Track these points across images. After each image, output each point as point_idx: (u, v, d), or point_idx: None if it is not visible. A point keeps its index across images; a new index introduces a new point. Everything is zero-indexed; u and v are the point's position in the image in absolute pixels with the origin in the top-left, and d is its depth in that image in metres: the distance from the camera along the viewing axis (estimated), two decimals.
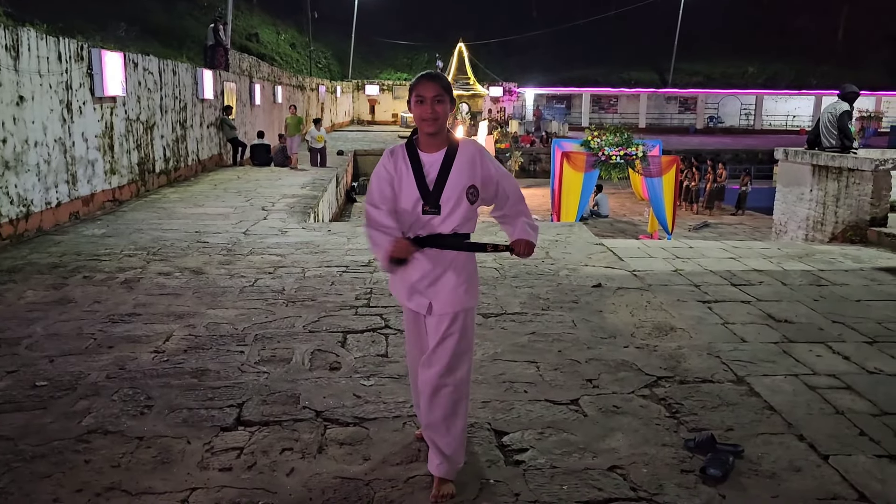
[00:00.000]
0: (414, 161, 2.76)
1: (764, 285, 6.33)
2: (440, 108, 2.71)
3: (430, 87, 2.70)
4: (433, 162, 2.75)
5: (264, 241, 8.01)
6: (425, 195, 2.73)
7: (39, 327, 4.83)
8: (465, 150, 2.78)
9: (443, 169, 2.73)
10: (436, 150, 2.77)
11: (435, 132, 2.74)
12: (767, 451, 3.24)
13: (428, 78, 2.74)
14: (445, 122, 2.76)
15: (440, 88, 2.71)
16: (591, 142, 14.41)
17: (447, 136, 2.79)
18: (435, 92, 2.70)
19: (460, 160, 2.75)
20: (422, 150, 2.78)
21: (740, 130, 47.67)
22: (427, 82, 2.72)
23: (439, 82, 2.73)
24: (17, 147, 7.63)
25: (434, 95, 2.70)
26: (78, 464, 3.02)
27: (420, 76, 2.76)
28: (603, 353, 4.48)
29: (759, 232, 16.70)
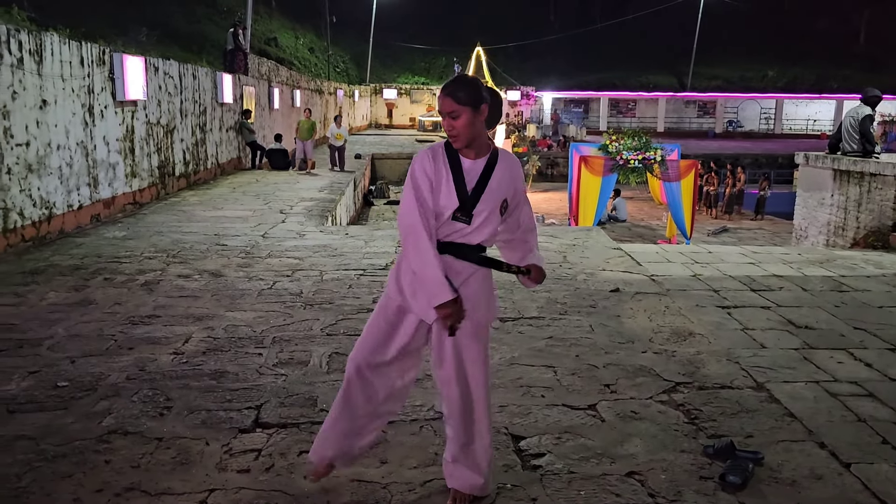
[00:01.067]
0: (454, 165, 2.60)
1: (784, 291, 6.27)
2: (458, 123, 2.53)
3: (444, 103, 2.56)
4: (474, 169, 2.61)
5: (283, 243, 8.06)
6: (462, 199, 2.57)
7: (61, 328, 4.88)
8: (506, 160, 2.66)
9: (482, 177, 2.60)
10: (476, 156, 2.62)
11: (464, 146, 2.60)
12: (788, 459, 3.20)
13: (443, 92, 2.57)
14: (473, 132, 2.56)
15: (454, 104, 2.54)
16: (610, 146, 14.37)
17: (488, 143, 2.64)
18: (449, 108, 2.55)
19: (500, 170, 2.62)
20: (462, 155, 2.63)
21: (760, 134, 47.30)
22: (442, 98, 2.57)
23: (454, 94, 2.54)
24: (39, 150, 7.74)
25: (449, 112, 2.55)
26: (98, 464, 3.05)
27: (444, 85, 2.62)
28: (621, 358, 4.45)
29: (778, 237, 16.55)
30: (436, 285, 2.49)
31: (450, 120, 2.55)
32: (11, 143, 7.18)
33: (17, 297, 5.64)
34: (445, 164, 2.60)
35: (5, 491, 2.83)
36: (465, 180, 2.59)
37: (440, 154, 2.62)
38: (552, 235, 9.04)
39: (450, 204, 2.57)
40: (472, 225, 2.60)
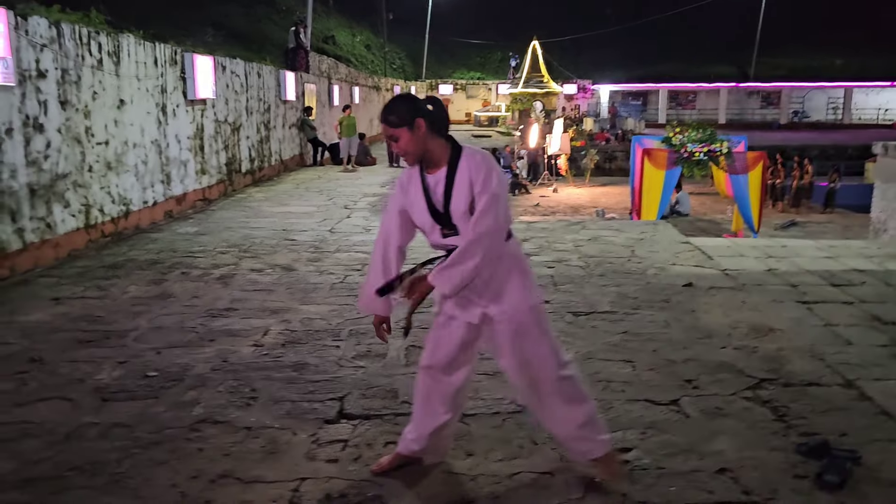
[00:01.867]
0: (424, 183, 2.66)
1: (867, 286, 6.04)
2: (400, 144, 2.59)
3: (383, 127, 2.63)
4: (436, 182, 2.63)
5: (350, 238, 8.15)
6: (436, 217, 2.62)
7: (144, 321, 5.04)
8: (466, 160, 2.60)
9: (446, 188, 2.60)
10: (435, 169, 2.64)
11: (413, 162, 2.65)
12: (886, 458, 3.08)
13: (381, 115, 2.63)
14: (417, 148, 2.60)
15: (388, 128, 2.60)
16: (674, 138, 14.05)
17: (445, 151, 2.62)
18: (388, 133, 2.61)
19: (460, 173, 2.59)
20: (426, 172, 2.67)
21: (828, 125, 45.65)
22: (381, 121, 2.63)
23: (387, 119, 2.59)
24: (118, 149, 8.00)
25: (389, 135, 2.61)
26: (191, 451, 3.14)
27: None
28: (700, 354, 4.36)
29: (850, 231, 15.95)
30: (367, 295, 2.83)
31: (392, 143, 2.61)
32: (92, 142, 7.44)
33: (100, 291, 5.84)
34: (416, 184, 2.67)
35: (106, 476, 2.94)
36: (432, 198, 2.63)
37: (414, 177, 2.70)
38: (618, 230, 8.91)
39: (426, 222, 2.66)
40: (462, 232, 2.61)
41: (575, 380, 2.80)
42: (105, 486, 2.86)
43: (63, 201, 6.94)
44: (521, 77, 36.65)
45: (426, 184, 2.64)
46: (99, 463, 3.03)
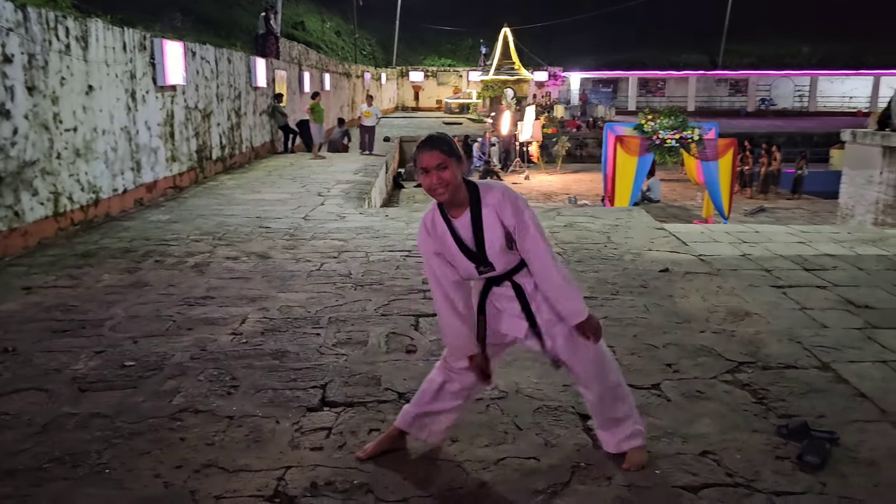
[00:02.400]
0: (452, 229, 2.64)
1: (838, 270, 6.16)
2: (447, 175, 2.54)
3: (431, 156, 2.54)
4: (463, 226, 2.63)
5: (325, 226, 8.09)
6: (472, 258, 2.65)
7: (119, 309, 4.95)
8: (488, 197, 2.62)
9: (475, 230, 2.62)
10: (460, 211, 2.63)
11: (449, 199, 2.60)
12: (864, 439, 3.15)
13: (428, 145, 2.57)
14: (457, 184, 2.58)
15: (441, 155, 2.54)
16: (646, 125, 14.16)
17: (465, 192, 2.62)
18: (437, 161, 2.53)
19: (486, 210, 2.61)
20: (451, 216, 2.65)
21: (793, 113, 46.37)
22: (428, 151, 2.55)
23: (439, 147, 2.55)
24: (86, 135, 7.83)
25: (437, 164, 2.53)
26: (174, 441, 3.10)
27: (420, 144, 2.60)
28: (679, 338, 4.41)
29: (818, 216, 16.27)
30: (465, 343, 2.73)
31: (437, 173, 2.55)
32: (60, 129, 7.26)
33: (72, 279, 5.73)
34: (444, 227, 2.66)
35: (87, 467, 2.88)
36: (464, 241, 2.63)
37: (438, 221, 2.68)
38: (593, 216, 8.97)
39: (462, 263, 2.66)
40: (498, 268, 2.67)
41: (621, 381, 2.90)
42: (87, 477, 2.80)
43: (31, 189, 6.77)
44: (492, 64, 36.63)
45: (454, 228, 2.65)
46: (79, 454, 2.97)
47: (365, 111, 17.81)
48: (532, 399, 3.52)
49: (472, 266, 2.66)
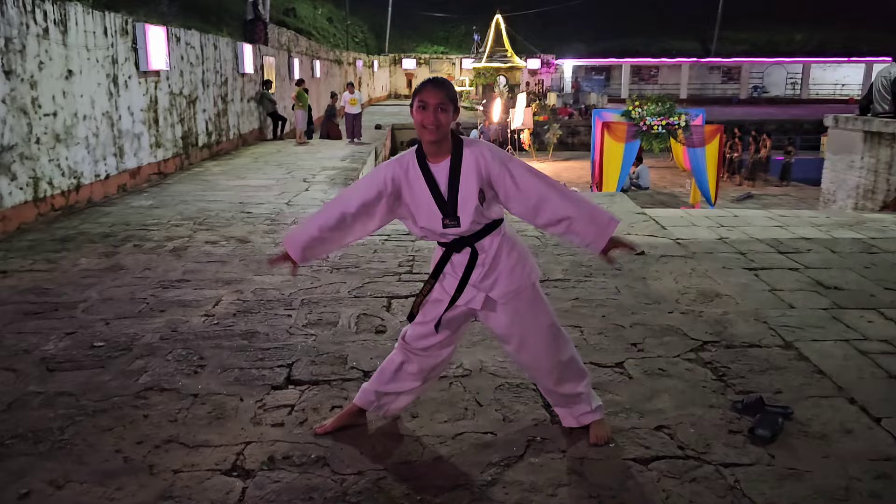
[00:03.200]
0: (426, 171, 2.63)
1: (812, 253, 6.21)
2: (443, 117, 2.54)
3: (435, 94, 2.55)
4: (440, 171, 2.62)
5: (307, 211, 8.11)
6: (442, 207, 2.62)
7: (94, 292, 4.98)
8: (470, 150, 2.62)
9: (451, 178, 2.61)
10: (441, 158, 2.62)
11: (436, 140, 2.57)
12: (817, 414, 3.21)
13: (433, 84, 2.59)
14: (448, 132, 2.60)
15: (444, 96, 2.55)
16: (633, 112, 14.19)
17: (450, 142, 2.63)
18: (439, 99, 2.53)
19: (467, 164, 2.60)
20: (430, 161, 2.64)
21: (786, 100, 46.43)
22: (432, 88, 2.57)
23: (444, 90, 2.57)
24: (66, 120, 7.82)
25: (438, 103, 2.53)
26: (137, 418, 3.13)
27: (425, 81, 2.62)
28: (647, 319, 4.46)
29: (804, 203, 16.32)
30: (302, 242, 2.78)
31: (435, 112, 2.53)
32: (39, 114, 7.25)
33: (49, 264, 5.75)
34: (416, 169, 2.63)
35: (49, 443, 2.92)
36: (439, 187, 2.61)
37: (409, 160, 2.66)
38: None
39: (429, 211, 2.62)
40: (464, 225, 2.62)
41: (575, 357, 2.91)
42: (48, 453, 2.84)
43: (9, 174, 6.77)
44: (485, 51, 36.54)
45: (430, 173, 2.63)
46: (42, 430, 3.01)
47: (350, 99, 17.45)
48: (495, 377, 3.57)
49: (438, 217, 2.62)
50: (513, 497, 2.56)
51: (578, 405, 2.95)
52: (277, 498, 2.54)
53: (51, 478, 2.66)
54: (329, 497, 2.55)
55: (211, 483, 2.64)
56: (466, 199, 2.59)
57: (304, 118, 16.88)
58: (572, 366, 2.90)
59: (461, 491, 2.59)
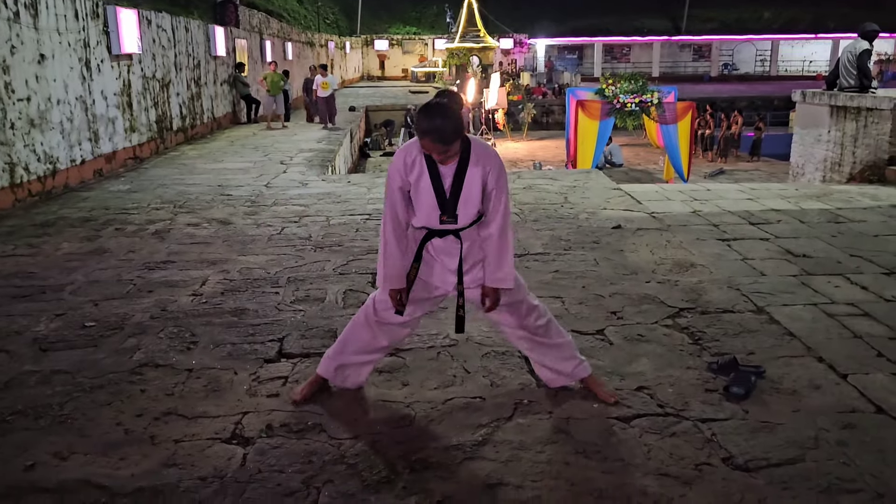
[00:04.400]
0: (431, 167, 2.70)
1: (782, 224, 6.41)
2: (450, 152, 2.63)
3: (437, 148, 2.60)
4: (446, 173, 2.71)
5: (286, 192, 8.15)
6: (442, 204, 2.72)
7: (80, 275, 5.01)
8: (477, 153, 2.71)
9: (457, 178, 2.70)
10: (449, 161, 2.71)
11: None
12: (788, 372, 3.37)
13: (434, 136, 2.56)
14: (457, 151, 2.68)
15: (446, 146, 2.60)
16: (606, 90, 14.34)
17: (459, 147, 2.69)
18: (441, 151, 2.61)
19: (473, 169, 2.69)
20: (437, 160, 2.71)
21: (756, 77, 46.97)
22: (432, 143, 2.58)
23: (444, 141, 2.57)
24: (40, 105, 7.75)
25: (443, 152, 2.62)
26: (134, 393, 3.21)
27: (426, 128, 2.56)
28: (625, 288, 4.60)
29: (775, 177, 16.62)
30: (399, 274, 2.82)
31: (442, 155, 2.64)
32: (13, 98, 7.19)
33: (32, 248, 5.75)
34: (422, 165, 2.71)
35: (50, 418, 2.99)
36: (442, 185, 2.71)
37: (416, 154, 2.72)
38: (552, 178, 9.14)
39: (430, 202, 2.73)
40: (460, 222, 2.77)
41: (552, 321, 3.07)
42: (49, 427, 2.91)
43: None
44: (458, 32, 36.40)
45: (438, 170, 2.71)
46: (41, 407, 3.08)
47: (322, 83, 16.20)
48: (482, 346, 3.69)
49: (437, 213, 2.72)
50: (503, 455, 2.69)
51: (569, 360, 3.09)
52: (278, 462, 2.64)
53: (55, 450, 2.74)
54: (327, 460, 2.66)
55: (212, 451, 2.73)
56: (468, 200, 2.72)
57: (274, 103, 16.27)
58: (552, 325, 3.07)
59: (454, 451, 2.71)
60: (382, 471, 2.58)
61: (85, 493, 2.46)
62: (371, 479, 2.54)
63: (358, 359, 3.09)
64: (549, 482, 2.51)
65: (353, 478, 2.54)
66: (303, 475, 2.56)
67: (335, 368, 3.10)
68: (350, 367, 3.11)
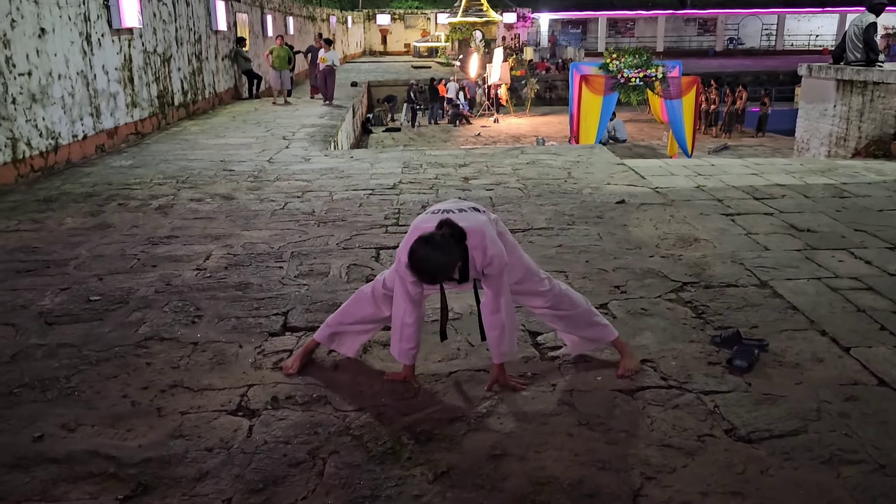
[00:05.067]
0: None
1: (787, 198, 6.39)
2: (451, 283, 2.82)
3: (433, 287, 2.86)
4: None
5: (289, 168, 8.13)
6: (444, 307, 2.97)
7: (84, 250, 5.02)
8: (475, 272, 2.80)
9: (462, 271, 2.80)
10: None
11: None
12: (791, 345, 3.38)
13: (428, 279, 2.71)
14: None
15: (446, 283, 2.82)
16: (610, 64, 14.22)
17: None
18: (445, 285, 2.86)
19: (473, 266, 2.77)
20: None
21: (761, 52, 46.50)
22: (428, 284, 2.78)
23: (445, 280, 2.75)
24: (41, 80, 7.71)
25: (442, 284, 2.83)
26: (140, 366, 3.23)
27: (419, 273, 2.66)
28: (629, 263, 4.60)
29: (779, 153, 16.55)
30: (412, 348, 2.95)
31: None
32: (14, 73, 7.15)
33: (35, 224, 5.75)
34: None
35: (57, 390, 3.01)
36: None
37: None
38: (556, 154, 9.10)
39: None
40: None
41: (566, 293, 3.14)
42: (56, 399, 2.93)
43: None
44: (460, 6, 36.07)
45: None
46: (48, 379, 3.10)
47: (321, 57, 15.71)
48: None
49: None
50: (507, 426, 2.71)
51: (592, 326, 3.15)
52: (284, 434, 2.67)
53: (62, 422, 2.76)
54: (333, 431, 2.68)
55: (218, 422, 2.75)
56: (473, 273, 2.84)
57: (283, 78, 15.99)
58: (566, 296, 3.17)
59: (459, 423, 2.73)
60: (387, 442, 2.60)
61: (93, 464, 2.49)
62: (376, 450, 2.56)
63: (357, 328, 3.15)
64: (553, 453, 2.53)
65: (359, 449, 2.56)
66: (308, 446, 2.58)
67: (330, 335, 3.17)
68: (347, 336, 3.17)
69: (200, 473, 2.43)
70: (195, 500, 2.29)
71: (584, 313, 3.14)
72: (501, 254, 2.77)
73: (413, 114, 22.65)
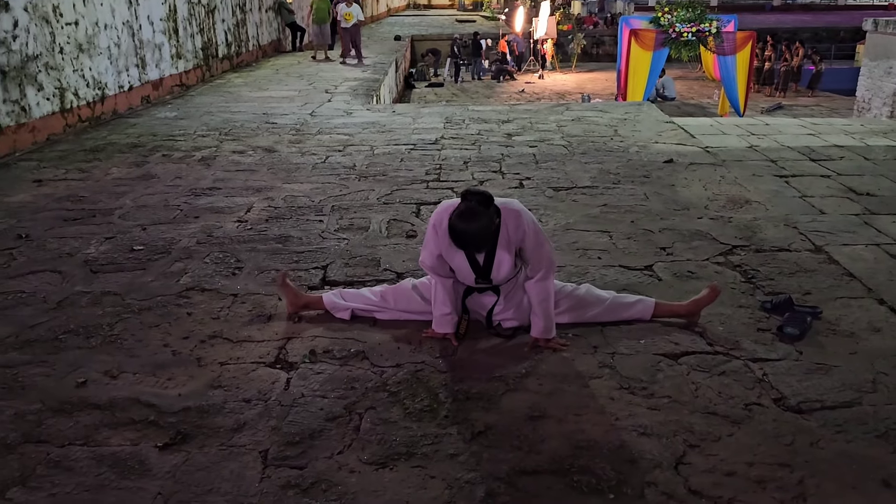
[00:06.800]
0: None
1: (845, 160, 6.12)
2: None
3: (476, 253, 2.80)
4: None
5: (331, 121, 8.08)
6: (476, 271, 2.85)
7: (128, 200, 5.07)
8: (507, 237, 2.77)
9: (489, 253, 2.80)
10: None
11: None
12: (846, 314, 3.24)
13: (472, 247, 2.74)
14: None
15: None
16: (662, 18, 13.74)
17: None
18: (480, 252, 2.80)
19: (503, 236, 2.76)
20: None
21: (822, 7, 44.49)
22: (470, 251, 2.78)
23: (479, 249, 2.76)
24: (88, 29, 7.74)
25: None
26: (181, 315, 3.25)
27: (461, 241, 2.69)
28: (676, 224, 4.47)
29: (837, 113, 15.90)
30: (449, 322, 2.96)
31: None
32: (61, 22, 7.19)
33: (82, 173, 5.83)
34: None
35: (100, 338, 3.05)
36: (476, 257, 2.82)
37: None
38: (602, 111, 8.87)
39: (465, 271, 2.86)
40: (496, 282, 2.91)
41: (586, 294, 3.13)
42: (100, 346, 2.97)
43: (36, 84, 6.77)
44: None
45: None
46: (92, 326, 3.14)
47: (346, 13, 14.51)
48: None
49: (472, 276, 2.87)
50: (546, 388, 2.65)
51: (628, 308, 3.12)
52: (321, 387, 2.66)
53: (105, 368, 2.80)
54: (370, 387, 2.66)
55: (256, 374, 2.76)
56: (501, 265, 2.83)
57: (322, 32, 15.29)
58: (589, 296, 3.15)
59: (496, 382, 2.69)
60: (424, 399, 2.57)
61: (134, 410, 2.52)
62: (413, 407, 2.53)
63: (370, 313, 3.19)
64: (593, 416, 2.47)
65: (395, 405, 2.54)
66: (345, 401, 2.57)
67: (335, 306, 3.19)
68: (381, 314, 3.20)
69: (238, 424, 2.44)
70: (232, 451, 2.30)
71: (614, 301, 3.13)
72: (534, 223, 2.81)
73: (456, 69, 22.33)
